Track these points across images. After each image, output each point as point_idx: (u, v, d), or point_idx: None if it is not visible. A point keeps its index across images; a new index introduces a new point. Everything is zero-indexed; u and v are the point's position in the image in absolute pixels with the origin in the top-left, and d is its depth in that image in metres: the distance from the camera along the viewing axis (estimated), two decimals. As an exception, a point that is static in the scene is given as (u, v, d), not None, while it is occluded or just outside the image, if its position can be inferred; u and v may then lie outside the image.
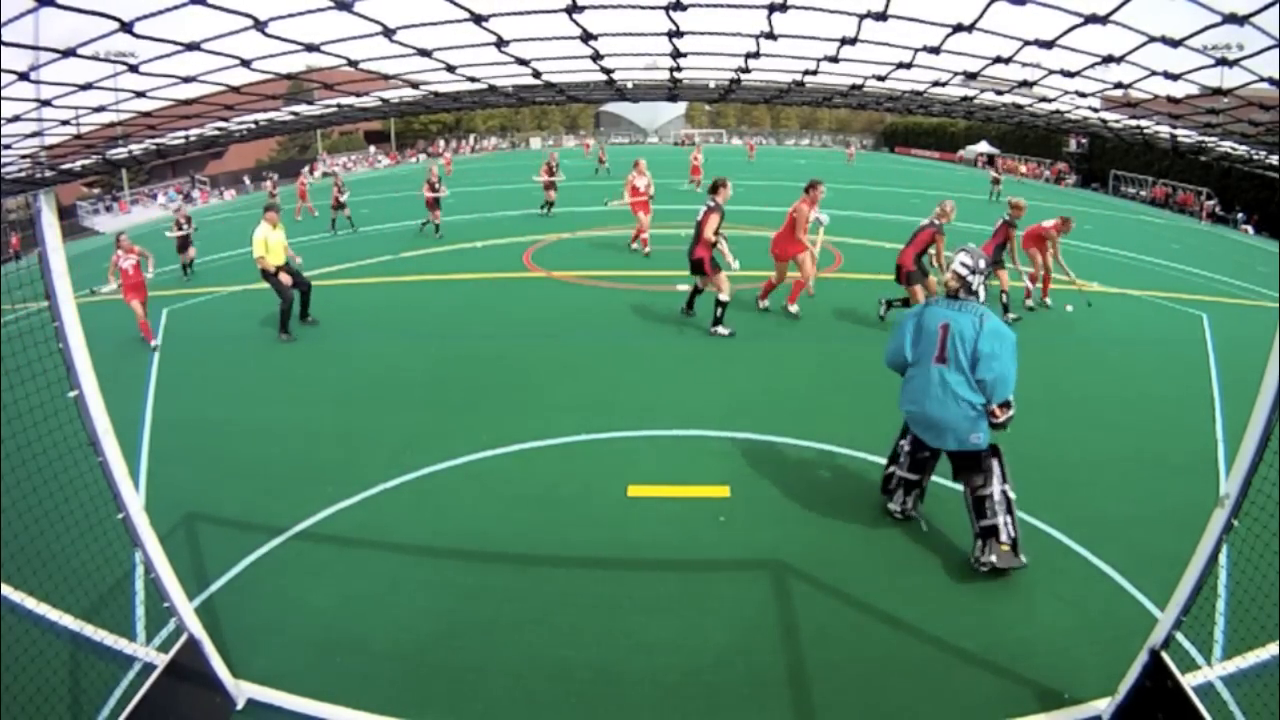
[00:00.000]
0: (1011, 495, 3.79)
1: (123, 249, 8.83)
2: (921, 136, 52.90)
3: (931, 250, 7.95)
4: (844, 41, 1.32)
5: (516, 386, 6.67)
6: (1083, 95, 1.70)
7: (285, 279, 8.49)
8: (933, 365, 3.71)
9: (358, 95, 1.83)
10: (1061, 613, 3.65)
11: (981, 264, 3.82)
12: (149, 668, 3.05)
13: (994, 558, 3.70)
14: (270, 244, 8.42)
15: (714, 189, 7.95)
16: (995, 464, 3.78)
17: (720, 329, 7.91)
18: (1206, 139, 2.19)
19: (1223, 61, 1.28)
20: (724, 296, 7.85)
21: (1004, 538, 3.71)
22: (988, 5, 1.12)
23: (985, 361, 3.59)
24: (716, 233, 7.72)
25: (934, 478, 4.93)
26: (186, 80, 1.42)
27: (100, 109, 1.59)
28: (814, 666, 3.30)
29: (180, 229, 13.20)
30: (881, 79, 1.64)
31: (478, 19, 1.15)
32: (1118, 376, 7.15)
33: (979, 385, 3.63)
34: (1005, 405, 3.70)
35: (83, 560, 3.56)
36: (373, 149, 49.54)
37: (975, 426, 3.67)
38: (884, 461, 5.17)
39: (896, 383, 6.89)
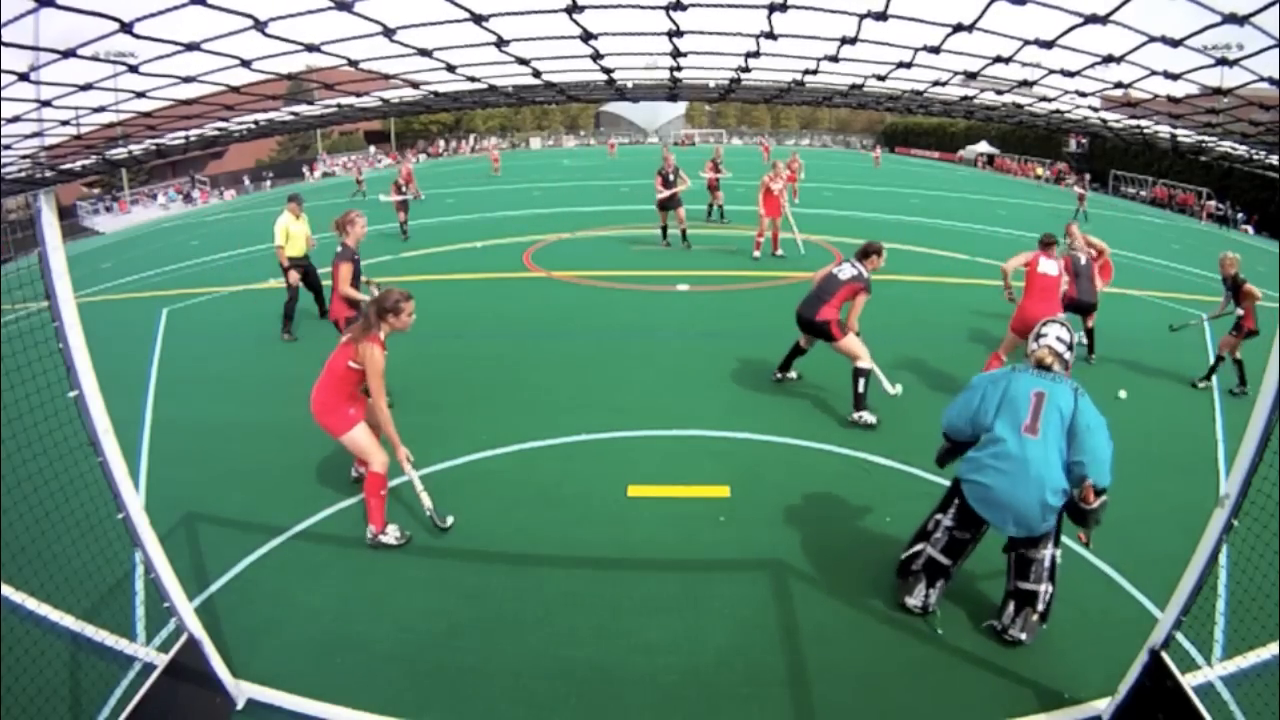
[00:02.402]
0: (1059, 558, 3.37)
1: None
2: (921, 136, 52.95)
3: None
4: (844, 41, 1.32)
5: (516, 386, 6.66)
6: (1083, 95, 1.70)
7: (293, 277, 8.44)
8: (1021, 435, 3.17)
9: (358, 95, 1.83)
10: (1061, 613, 3.64)
11: (1074, 339, 3.47)
12: (149, 668, 3.05)
13: (1024, 635, 3.34)
14: (291, 234, 8.40)
15: (864, 255, 5.83)
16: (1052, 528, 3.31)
17: (865, 415, 5.71)
18: (1206, 139, 2.19)
19: (1223, 61, 1.28)
20: (864, 363, 5.66)
21: (1040, 606, 3.33)
22: (988, 5, 1.12)
23: (1083, 437, 3.08)
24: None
25: (918, 470, 4.94)
26: (186, 80, 1.42)
27: (100, 109, 1.59)
28: (814, 666, 3.30)
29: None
30: (882, 79, 1.64)
31: (478, 19, 1.15)
32: (1117, 377, 7.15)
33: (1071, 466, 3.11)
34: (1099, 491, 3.13)
35: (83, 560, 3.56)
36: (373, 149, 49.56)
37: (1049, 515, 3.16)
38: (884, 461, 5.20)
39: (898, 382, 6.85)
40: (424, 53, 1.32)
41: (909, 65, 1.47)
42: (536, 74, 1.56)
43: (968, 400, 3.40)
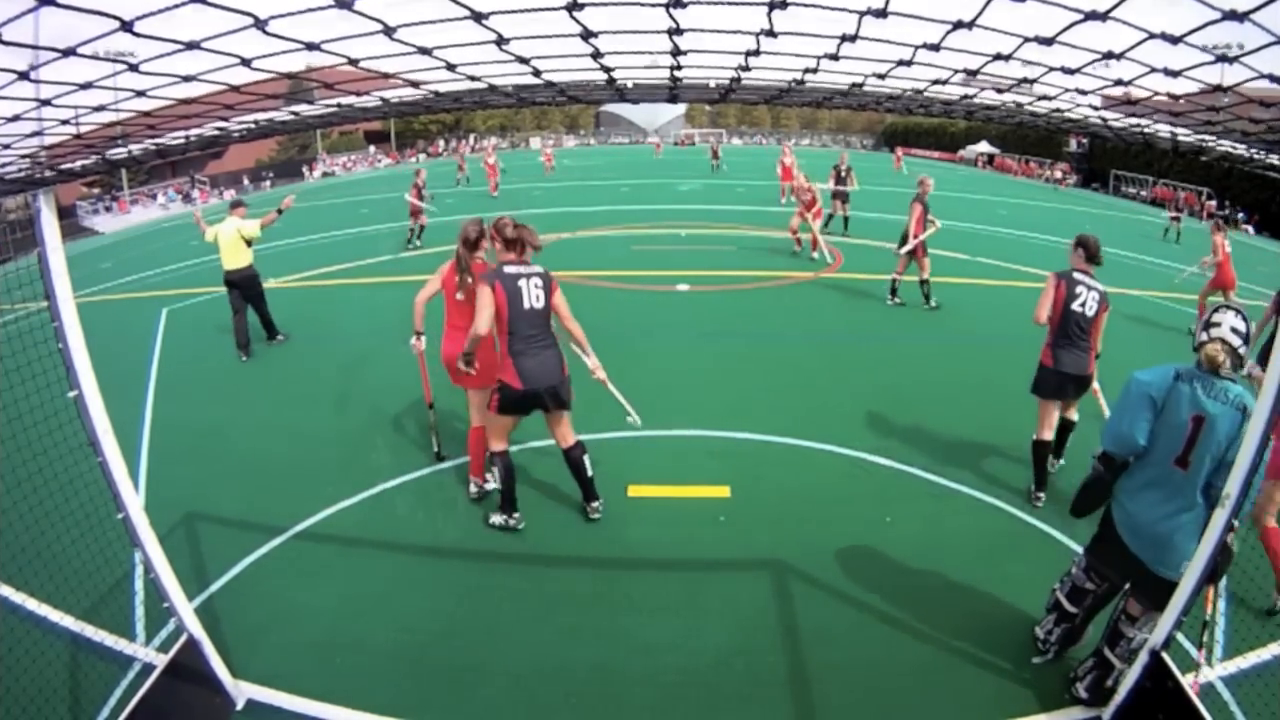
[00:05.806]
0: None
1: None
2: (921, 136, 52.89)
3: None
4: (844, 39, 1.32)
5: (516, 386, 6.64)
6: (1083, 93, 1.70)
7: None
8: (1170, 468, 2.75)
9: (358, 95, 1.83)
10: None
11: (1249, 329, 2.82)
12: (149, 668, 3.05)
13: (1086, 695, 3.05)
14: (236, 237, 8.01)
15: (1079, 250, 4.46)
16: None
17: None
18: (1207, 138, 2.19)
19: (1223, 58, 1.28)
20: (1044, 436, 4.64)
21: (1109, 683, 3.01)
22: (988, 2, 1.12)
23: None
24: None
25: (918, 470, 4.94)
26: (186, 79, 1.42)
27: (100, 108, 1.59)
28: (814, 666, 3.30)
29: None
30: (882, 77, 1.64)
31: (478, 17, 1.15)
32: (1118, 377, 7.16)
33: (1209, 487, 2.71)
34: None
35: (83, 560, 3.56)
36: (373, 149, 49.57)
37: (1185, 556, 2.72)
38: (884, 461, 5.20)
39: (895, 385, 6.88)
40: (424, 51, 1.32)
41: (909, 63, 1.47)
42: (536, 73, 1.56)
43: (1124, 416, 2.87)
